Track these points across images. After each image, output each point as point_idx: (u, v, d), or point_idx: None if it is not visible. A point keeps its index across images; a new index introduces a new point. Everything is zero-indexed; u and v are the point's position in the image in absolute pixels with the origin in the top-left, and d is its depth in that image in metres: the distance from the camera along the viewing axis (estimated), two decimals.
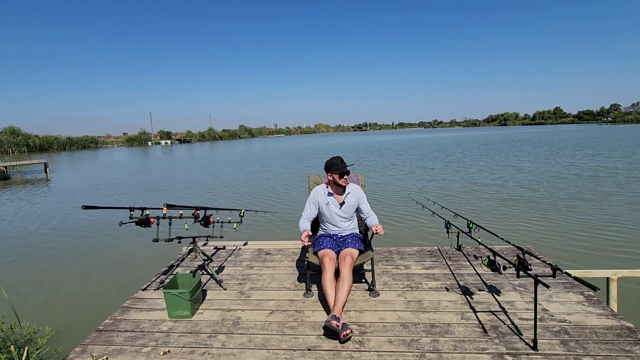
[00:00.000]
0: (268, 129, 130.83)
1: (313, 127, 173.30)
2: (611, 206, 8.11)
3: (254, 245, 4.31)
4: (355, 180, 3.57)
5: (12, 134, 52.94)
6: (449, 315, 2.53)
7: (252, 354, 2.15)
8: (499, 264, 2.30)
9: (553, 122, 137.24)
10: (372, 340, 2.25)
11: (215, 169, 20.14)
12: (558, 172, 13.56)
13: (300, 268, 3.51)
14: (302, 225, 2.97)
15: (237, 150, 39.50)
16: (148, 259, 5.81)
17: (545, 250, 5.26)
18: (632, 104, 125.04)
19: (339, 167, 2.91)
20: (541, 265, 3.28)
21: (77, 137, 64.45)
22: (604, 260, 5.15)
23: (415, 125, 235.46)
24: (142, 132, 78.74)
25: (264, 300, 2.86)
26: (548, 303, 2.64)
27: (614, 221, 6.96)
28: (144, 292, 3.07)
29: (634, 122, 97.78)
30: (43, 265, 5.89)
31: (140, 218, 2.75)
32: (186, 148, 53.01)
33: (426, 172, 15.18)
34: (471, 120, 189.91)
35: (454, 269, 3.35)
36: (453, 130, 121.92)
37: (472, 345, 2.16)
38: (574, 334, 2.24)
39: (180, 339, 2.33)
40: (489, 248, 2.58)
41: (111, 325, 2.54)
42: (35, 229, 8.21)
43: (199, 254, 3.28)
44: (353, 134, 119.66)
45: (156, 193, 12.56)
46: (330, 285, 2.55)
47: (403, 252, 3.85)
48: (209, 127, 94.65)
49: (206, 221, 3.15)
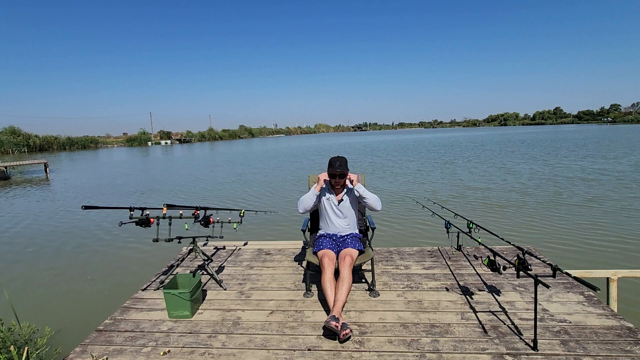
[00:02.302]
0: (268, 129, 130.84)
1: (313, 127, 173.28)
2: (611, 206, 8.11)
3: (254, 245, 4.31)
4: None
5: (12, 134, 52.99)
6: (449, 315, 2.53)
7: (252, 354, 2.15)
8: (499, 264, 2.30)
9: (553, 122, 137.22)
10: (372, 340, 2.25)
11: (215, 169, 20.14)
12: (558, 172, 13.56)
13: (300, 268, 3.51)
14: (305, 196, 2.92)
15: (237, 150, 39.51)
16: (148, 259, 5.80)
17: (545, 250, 5.27)
18: (632, 104, 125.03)
19: (333, 168, 2.88)
20: (541, 265, 3.28)
21: (77, 137, 64.55)
22: (604, 260, 5.15)
23: (415, 125, 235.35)
24: (142, 132, 78.76)
25: (264, 300, 2.86)
26: (548, 303, 2.64)
27: (614, 221, 6.96)
28: (144, 292, 3.07)
29: (634, 122, 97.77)
30: (43, 265, 5.89)
31: (140, 218, 2.75)
32: (186, 148, 53.01)
33: (426, 172, 15.18)
34: (471, 121, 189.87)
35: (454, 269, 3.36)
36: (453, 130, 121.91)
37: (472, 345, 2.16)
38: (574, 334, 2.24)
39: (180, 339, 2.33)
40: (489, 248, 2.58)
41: (111, 325, 2.54)
42: (35, 229, 8.21)
43: (199, 254, 3.28)
44: (353, 134, 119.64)
45: (156, 193, 12.56)
46: (330, 286, 2.55)
47: (403, 252, 3.85)
48: (209, 127, 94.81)
49: (206, 221, 3.16)
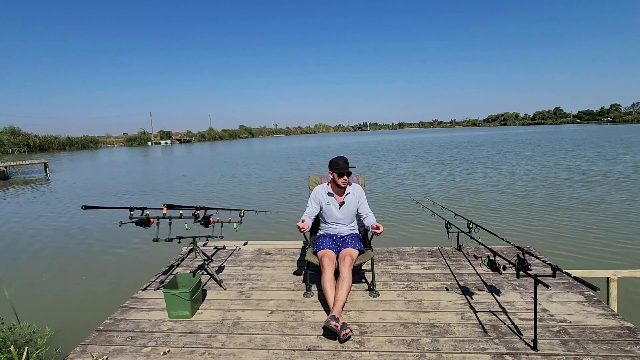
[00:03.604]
0: (268, 129, 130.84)
1: (313, 127, 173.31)
2: (611, 206, 8.11)
3: (254, 245, 4.31)
4: (355, 180, 3.56)
5: (12, 134, 53.02)
6: (449, 315, 2.53)
7: (252, 354, 2.15)
8: (499, 264, 2.30)
9: (553, 122, 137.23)
10: (372, 340, 2.25)
11: (215, 169, 20.14)
12: (558, 172, 13.55)
13: (300, 268, 3.51)
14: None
15: (237, 150, 39.49)
16: (148, 259, 5.81)
17: (545, 250, 5.26)
18: (632, 104, 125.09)
19: (340, 166, 2.92)
20: (541, 265, 3.28)
21: (77, 137, 64.61)
22: (604, 260, 5.15)
23: (415, 125, 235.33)
24: (142, 132, 78.81)
25: (264, 300, 2.86)
26: (548, 303, 2.64)
27: (614, 221, 6.96)
28: (144, 292, 3.07)
29: (634, 122, 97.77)
30: (43, 265, 5.89)
31: (140, 218, 2.75)
32: (186, 148, 52.99)
33: (427, 172, 15.18)
34: (471, 120, 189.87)
35: (454, 269, 3.35)
36: (453, 130, 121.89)
37: (472, 345, 2.16)
38: (574, 334, 2.24)
39: (180, 339, 2.33)
40: (489, 248, 2.58)
41: (111, 325, 2.53)
42: (35, 229, 8.21)
43: (199, 254, 3.28)
44: (353, 134, 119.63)
45: (156, 193, 12.56)
46: (330, 286, 2.55)
47: (403, 252, 3.85)
48: (209, 127, 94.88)
49: (206, 221, 3.15)
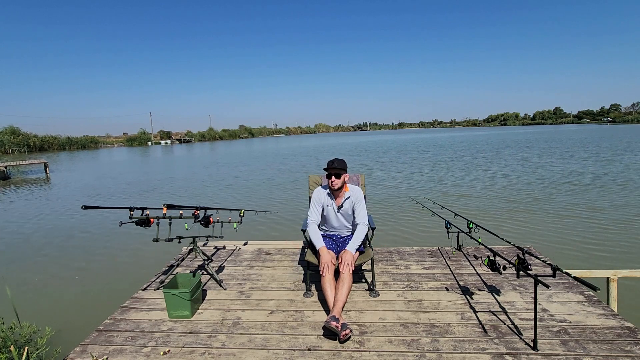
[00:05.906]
0: (268, 129, 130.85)
1: (313, 127, 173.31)
2: (611, 206, 8.11)
3: (254, 245, 4.31)
4: (355, 180, 3.55)
5: (12, 134, 53.01)
6: (449, 315, 2.53)
7: (252, 354, 2.15)
8: (499, 264, 2.30)
9: (553, 122, 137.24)
10: (372, 340, 2.25)
11: (214, 169, 20.13)
12: (558, 172, 13.55)
13: (300, 268, 3.51)
14: (313, 235, 2.84)
15: (237, 150, 39.49)
16: (148, 259, 5.81)
17: (545, 250, 5.26)
18: (632, 104, 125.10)
19: (328, 167, 2.87)
20: (541, 265, 3.28)
21: (76, 137, 64.64)
22: (604, 260, 5.15)
23: (415, 125, 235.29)
24: (142, 132, 78.78)
25: (264, 300, 2.86)
26: (548, 303, 2.64)
27: (614, 221, 6.96)
28: (144, 292, 3.07)
29: (634, 122, 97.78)
30: (43, 264, 5.89)
31: (140, 218, 2.75)
32: (186, 148, 52.99)
33: (426, 172, 15.18)
34: (471, 120, 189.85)
35: (454, 269, 3.35)
36: (453, 130, 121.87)
37: (472, 345, 2.16)
38: (574, 334, 2.24)
39: (180, 339, 2.33)
40: (489, 248, 2.58)
41: (111, 325, 2.53)
42: (35, 229, 8.21)
43: (199, 254, 3.28)
44: (353, 134, 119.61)
45: (156, 193, 12.56)
46: (330, 286, 2.55)
47: (403, 252, 3.85)
48: (209, 127, 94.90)
49: (206, 221, 3.15)
